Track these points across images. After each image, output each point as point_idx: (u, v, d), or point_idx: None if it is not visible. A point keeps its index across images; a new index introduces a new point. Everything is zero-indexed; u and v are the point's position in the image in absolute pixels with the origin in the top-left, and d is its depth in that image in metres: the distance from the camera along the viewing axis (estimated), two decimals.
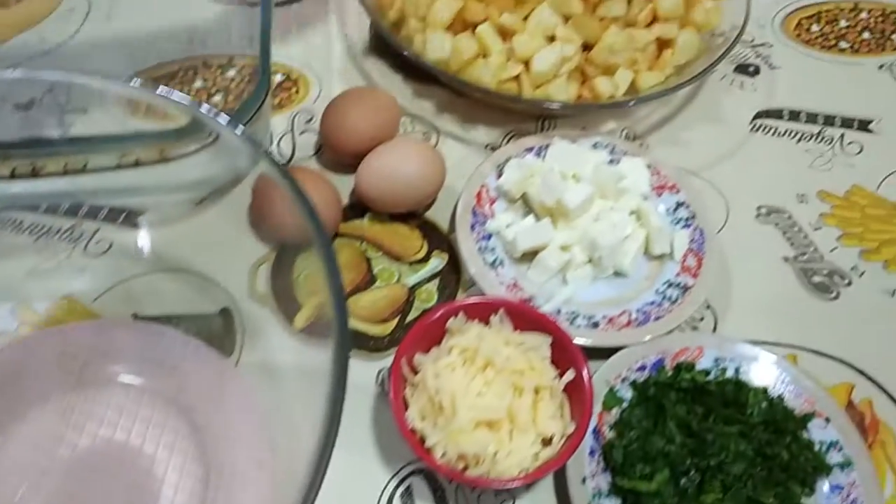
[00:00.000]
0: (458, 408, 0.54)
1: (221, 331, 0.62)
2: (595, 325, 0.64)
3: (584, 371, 0.56)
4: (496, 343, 0.57)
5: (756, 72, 0.91)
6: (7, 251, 0.65)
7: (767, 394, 0.60)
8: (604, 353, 0.63)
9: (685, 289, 0.67)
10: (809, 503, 0.56)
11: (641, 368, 0.62)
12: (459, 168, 0.75)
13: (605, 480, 0.57)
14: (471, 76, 0.76)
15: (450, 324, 0.59)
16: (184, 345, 0.61)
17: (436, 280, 0.70)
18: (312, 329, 0.53)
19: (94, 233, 0.67)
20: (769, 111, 0.86)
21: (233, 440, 0.56)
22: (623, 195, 0.71)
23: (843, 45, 0.95)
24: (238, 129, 0.51)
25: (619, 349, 0.63)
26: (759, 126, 0.85)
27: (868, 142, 0.84)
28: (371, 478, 0.59)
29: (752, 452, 0.56)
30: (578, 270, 0.68)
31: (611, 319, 0.65)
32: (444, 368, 0.56)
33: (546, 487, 0.59)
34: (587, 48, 0.78)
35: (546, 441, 0.56)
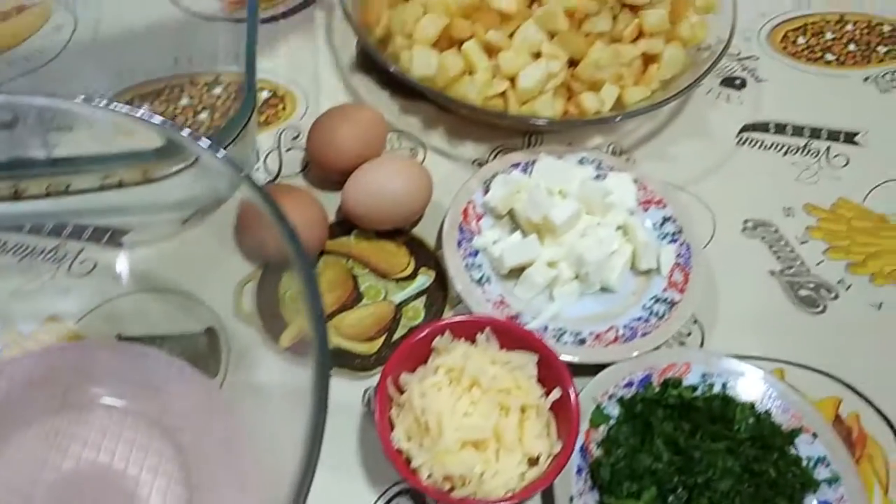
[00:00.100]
0: (445, 428, 0.54)
1: (206, 350, 0.61)
2: (582, 342, 0.64)
3: (571, 389, 0.56)
4: (482, 362, 0.57)
5: (742, 85, 0.91)
6: None
7: (755, 409, 0.60)
8: (591, 370, 0.63)
9: (672, 304, 0.67)
10: None
11: (629, 385, 0.62)
12: (446, 184, 0.75)
13: (593, 499, 0.57)
14: (457, 93, 0.76)
15: (436, 343, 0.59)
16: (168, 365, 0.61)
17: (423, 297, 0.70)
18: (298, 348, 0.53)
19: (79, 253, 0.66)
20: (755, 124, 0.86)
21: (217, 462, 0.56)
22: (610, 210, 0.71)
23: (829, 58, 0.95)
24: (219, 152, 0.51)
25: (607, 365, 0.63)
26: (746, 139, 0.85)
27: (854, 154, 0.84)
28: (357, 498, 0.59)
29: (740, 469, 0.56)
30: (565, 286, 0.68)
31: (598, 336, 0.65)
32: (430, 388, 0.56)
33: None
34: (573, 64, 0.78)
35: (533, 460, 0.55)
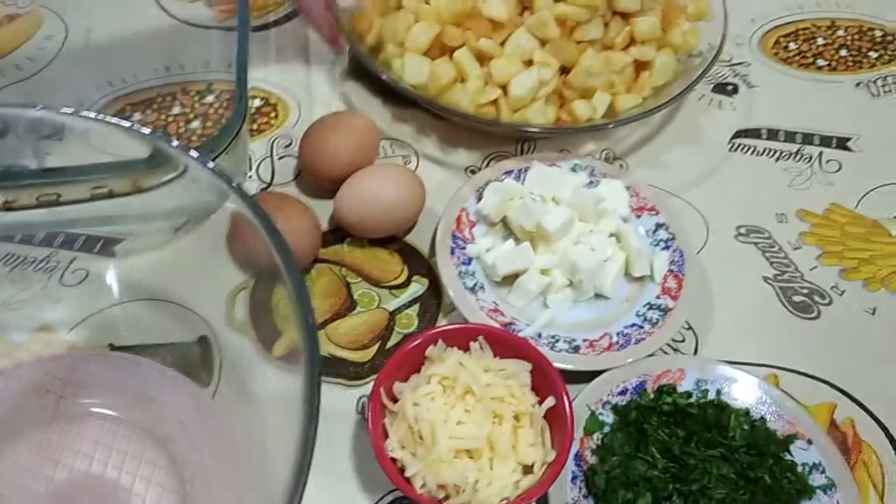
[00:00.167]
0: (438, 437, 0.53)
1: (199, 359, 0.61)
2: (576, 349, 0.64)
3: (565, 397, 0.56)
4: (476, 371, 0.57)
5: (734, 91, 0.91)
6: None
7: (749, 416, 0.60)
8: (585, 377, 0.62)
9: (666, 311, 0.67)
10: None
11: (623, 392, 0.62)
12: (439, 191, 0.75)
13: None
14: (449, 100, 0.76)
15: (429, 351, 0.59)
16: (161, 375, 0.60)
17: (416, 305, 0.70)
18: (291, 357, 0.52)
19: (70, 262, 0.66)
20: (748, 130, 0.87)
21: (210, 471, 0.56)
22: (603, 217, 0.71)
23: (821, 63, 0.96)
24: (208, 163, 0.51)
25: (601, 373, 0.63)
26: (738, 145, 0.85)
27: (846, 160, 0.84)
28: None
29: (735, 476, 0.56)
30: (559, 294, 0.68)
31: (592, 343, 0.65)
32: (424, 397, 0.56)
33: None
34: (565, 71, 0.78)
35: (527, 469, 0.55)
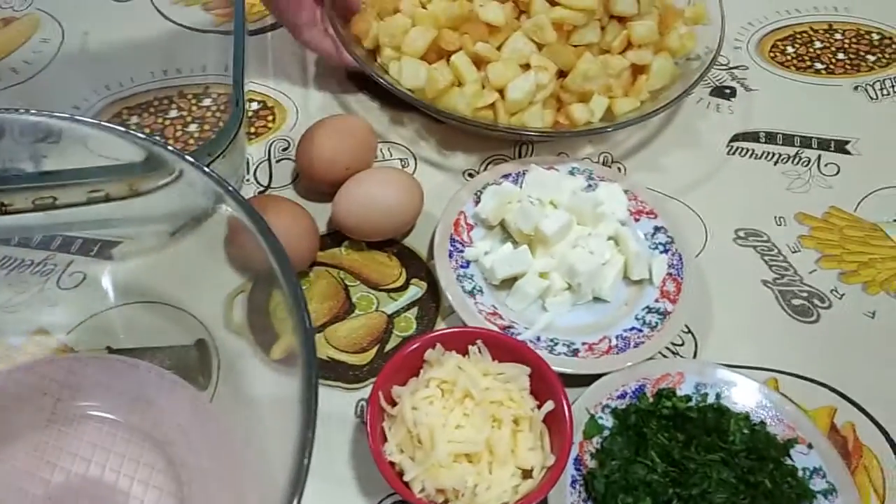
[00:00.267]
0: (437, 441, 0.53)
1: (197, 362, 0.61)
2: (575, 353, 0.64)
3: (564, 401, 0.56)
4: (475, 374, 0.57)
5: (732, 94, 0.91)
6: None
7: (749, 420, 0.60)
8: (584, 380, 0.62)
9: (665, 314, 0.67)
10: None
11: (622, 396, 0.62)
12: (437, 194, 0.75)
13: None
14: (446, 104, 0.76)
15: (428, 355, 0.59)
16: (159, 378, 0.60)
17: (414, 308, 0.70)
18: (289, 360, 0.52)
19: (67, 265, 0.66)
20: (746, 134, 0.87)
21: (208, 474, 0.56)
22: (601, 221, 0.71)
23: (819, 67, 0.96)
24: (203, 167, 0.51)
25: (600, 376, 0.62)
26: (736, 149, 0.85)
27: (845, 163, 0.84)
28: None
29: (735, 480, 0.56)
30: (557, 297, 0.68)
31: (590, 346, 0.65)
32: (423, 401, 0.56)
33: None
34: (562, 75, 0.78)
35: (526, 473, 0.55)
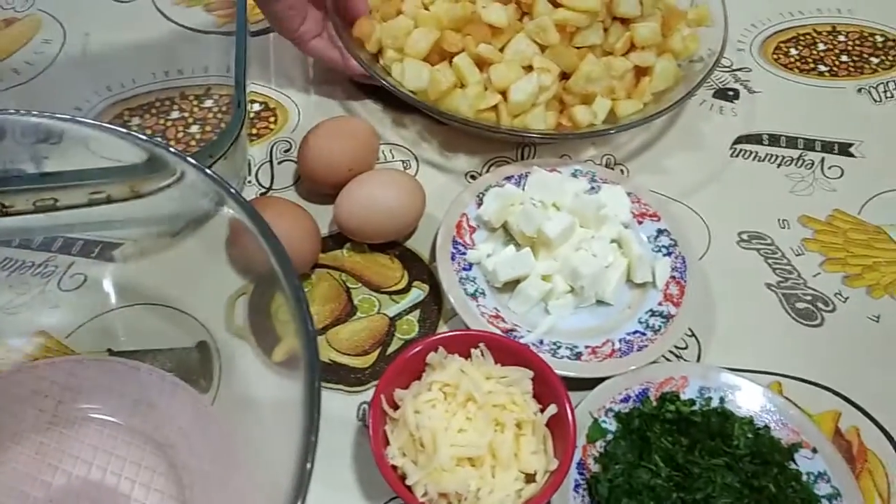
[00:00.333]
0: (439, 445, 0.53)
1: (198, 365, 0.61)
2: (578, 356, 0.64)
3: (567, 405, 0.56)
4: (477, 378, 0.56)
5: (735, 96, 0.91)
6: None
7: (753, 424, 0.59)
8: (587, 383, 0.62)
9: (668, 317, 0.66)
10: None
11: (625, 399, 0.61)
12: (439, 197, 0.75)
13: None
14: (449, 106, 0.76)
15: (430, 358, 0.58)
16: (160, 380, 0.60)
17: (417, 311, 0.70)
18: (290, 363, 0.52)
19: (68, 267, 0.65)
20: (749, 136, 0.86)
21: (210, 477, 0.56)
22: (604, 224, 0.71)
23: (822, 69, 0.95)
24: (205, 169, 0.50)
25: (603, 380, 0.62)
26: (739, 151, 0.85)
27: (849, 165, 0.84)
28: None
29: (739, 485, 0.55)
30: (560, 300, 0.68)
31: (594, 350, 0.64)
32: (425, 404, 0.55)
33: None
34: (565, 77, 0.78)
35: (529, 477, 0.55)
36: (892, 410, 0.65)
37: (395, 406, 0.57)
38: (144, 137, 0.52)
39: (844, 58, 0.97)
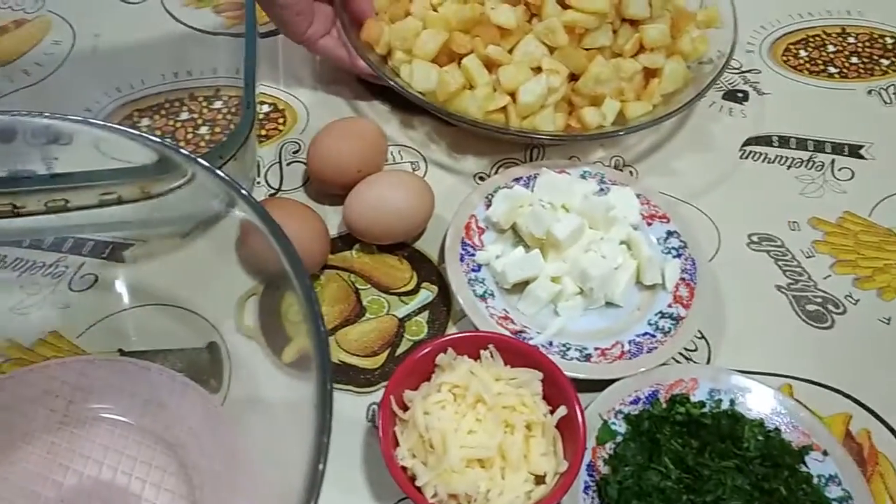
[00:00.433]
0: (449, 446, 0.53)
1: (209, 365, 0.61)
2: (587, 358, 0.64)
3: (577, 407, 0.56)
4: (487, 379, 0.56)
5: (745, 98, 0.91)
6: None
7: (764, 427, 0.59)
8: (597, 385, 0.62)
9: (678, 319, 0.66)
10: None
11: (635, 401, 0.61)
12: (448, 198, 0.75)
13: None
14: (457, 107, 0.76)
15: (439, 360, 0.58)
16: (170, 380, 0.60)
17: (425, 312, 0.70)
18: (300, 363, 0.52)
19: (79, 267, 0.66)
20: (758, 138, 0.86)
21: (220, 477, 0.56)
22: (613, 225, 0.70)
23: (832, 70, 0.95)
24: (216, 170, 0.51)
25: (613, 381, 0.62)
26: (749, 153, 0.85)
27: (859, 167, 0.84)
28: None
29: (750, 487, 0.55)
30: (569, 301, 0.68)
31: (603, 351, 0.64)
32: (435, 406, 0.55)
33: None
34: (574, 78, 0.78)
35: (539, 479, 0.55)
36: None
37: (405, 407, 0.57)
38: (155, 139, 0.52)
39: (854, 59, 0.97)
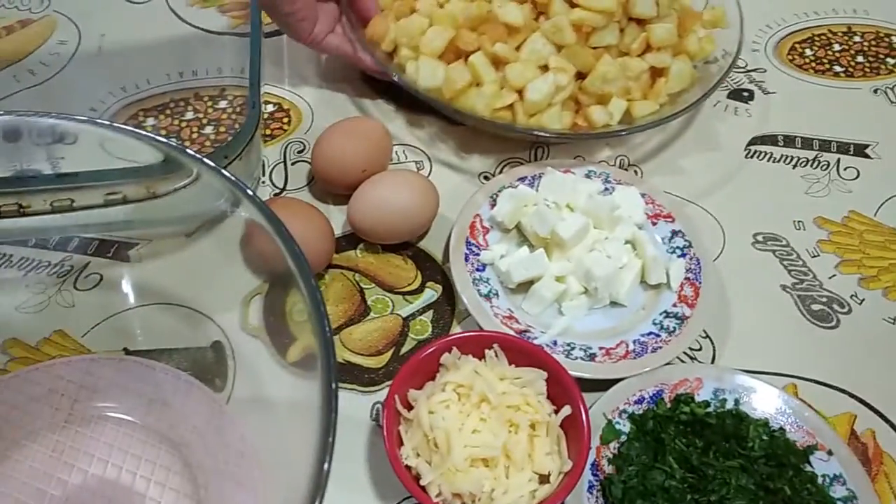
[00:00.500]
0: (454, 445, 0.53)
1: (213, 364, 0.61)
2: (592, 357, 0.64)
3: (581, 406, 0.55)
4: (491, 379, 0.56)
5: (750, 97, 0.90)
6: None
7: (768, 426, 0.59)
8: (602, 385, 0.62)
9: (682, 319, 0.66)
10: None
11: (640, 401, 0.61)
12: (453, 197, 0.75)
13: None
14: (464, 105, 0.76)
15: (444, 359, 0.58)
16: (175, 379, 0.60)
17: (430, 311, 0.70)
18: (305, 363, 0.52)
19: (84, 266, 0.66)
20: (764, 137, 0.86)
21: (225, 476, 0.56)
22: (618, 225, 0.70)
23: (838, 69, 0.95)
24: (221, 170, 0.51)
25: (617, 381, 0.62)
26: (754, 152, 0.84)
27: (864, 167, 0.83)
28: None
29: (754, 487, 0.55)
30: (574, 301, 0.67)
31: (608, 351, 0.64)
32: (439, 405, 0.55)
33: None
34: (581, 77, 0.78)
35: (543, 478, 0.55)
36: None
37: (409, 406, 0.57)
38: (160, 138, 0.53)
39: (860, 58, 0.96)
